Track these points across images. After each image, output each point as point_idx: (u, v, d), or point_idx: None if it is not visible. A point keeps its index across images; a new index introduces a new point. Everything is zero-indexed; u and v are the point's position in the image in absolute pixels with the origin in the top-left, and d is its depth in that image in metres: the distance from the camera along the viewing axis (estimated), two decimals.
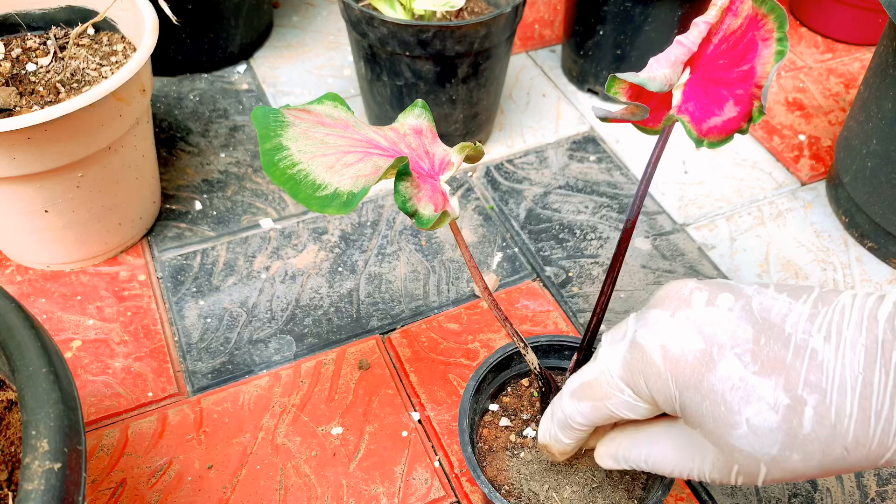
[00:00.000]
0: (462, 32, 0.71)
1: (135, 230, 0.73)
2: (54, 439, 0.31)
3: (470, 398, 0.48)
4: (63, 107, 0.57)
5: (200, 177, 0.82)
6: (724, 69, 0.40)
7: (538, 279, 0.73)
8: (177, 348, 0.66)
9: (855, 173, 0.75)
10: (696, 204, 0.81)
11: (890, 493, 0.58)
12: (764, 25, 0.40)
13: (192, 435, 0.60)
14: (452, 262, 0.74)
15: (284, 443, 0.60)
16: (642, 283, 0.73)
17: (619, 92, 0.41)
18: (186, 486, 0.57)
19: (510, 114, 0.92)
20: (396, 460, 0.59)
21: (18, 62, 0.68)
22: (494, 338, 0.68)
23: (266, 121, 0.39)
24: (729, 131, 0.40)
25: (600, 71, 0.92)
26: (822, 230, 0.79)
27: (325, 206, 0.36)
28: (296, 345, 0.67)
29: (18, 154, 0.58)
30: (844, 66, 1.01)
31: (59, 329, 0.67)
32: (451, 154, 0.42)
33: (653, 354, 0.34)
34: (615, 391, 0.36)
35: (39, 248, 0.69)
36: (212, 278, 0.72)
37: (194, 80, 0.94)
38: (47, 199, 0.64)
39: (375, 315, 0.69)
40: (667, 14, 0.84)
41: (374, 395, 0.63)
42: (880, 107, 0.70)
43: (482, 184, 0.82)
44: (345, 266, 0.73)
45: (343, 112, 0.42)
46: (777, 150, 0.88)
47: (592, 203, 0.81)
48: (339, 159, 0.38)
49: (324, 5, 1.09)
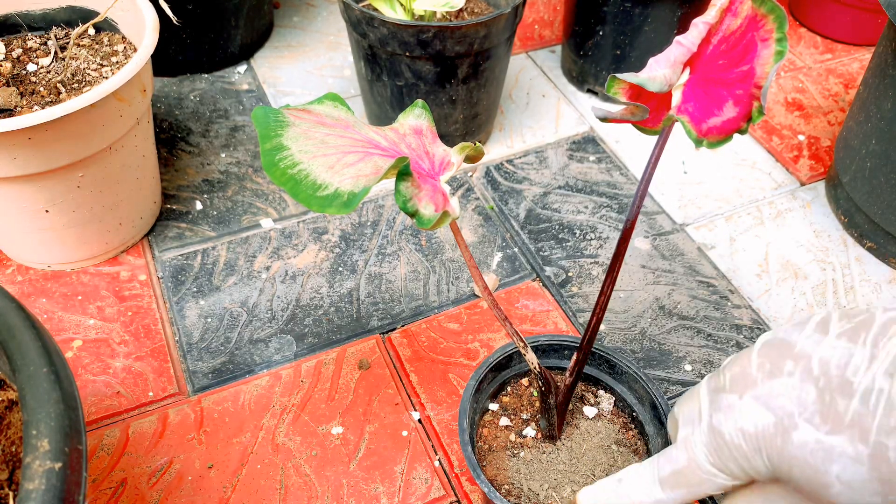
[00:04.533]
0: (462, 33, 0.71)
1: (135, 230, 0.74)
2: (55, 439, 0.31)
3: (470, 397, 0.48)
4: (64, 107, 0.57)
5: (201, 177, 0.82)
6: (724, 69, 0.40)
7: (538, 279, 0.73)
8: (177, 348, 0.66)
9: (854, 173, 0.75)
10: (696, 204, 0.81)
11: None
12: (763, 26, 0.40)
13: (192, 434, 0.60)
14: (452, 262, 0.74)
15: (285, 442, 0.60)
16: (642, 282, 0.73)
17: (619, 92, 0.41)
18: (187, 486, 0.57)
19: (510, 114, 0.92)
20: (396, 460, 0.59)
21: (19, 62, 0.68)
22: (494, 338, 0.68)
23: (266, 121, 0.39)
24: (728, 131, 0.40)
25: (600, 71, 0.92)
26: (822, 230, 0.79)
27: (326, 206, 0.36)
28: (296, 344, 0.67)
29: (19, 154, 0.58)
30: (844, 66, 1.01)
31: (60, 329, 0.67)
32: (451, 154, 0.42)
33: (735, 438, 0.35)
34: (709, 477, 0.37)
35: (40, 248, 0.69)
36: (212, 278, 0.72)
37: (195, 80, 0.94)
38: (48, 199, 0.64)
39: (375, 315, 0.69)
40: (666, 14, 0.84)
41: (375, 394, 0.63)
42: (879, 107, 0.70)
43: (482, 184, 0.83)
44: (345, 266, 0.73)
45: (343, 112, 0.42)
46: (776, 150, 0.88)
47: (592, 203, 0.81)
48: (340, 159, 0.38)
49: (324, 6, 1.09)
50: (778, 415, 0.33)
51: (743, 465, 0.35)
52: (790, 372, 0.34)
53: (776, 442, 0.33)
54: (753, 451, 0.34)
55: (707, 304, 0.71)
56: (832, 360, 0.32)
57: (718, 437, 0.35)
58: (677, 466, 0.38)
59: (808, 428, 0.32)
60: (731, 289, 0.73)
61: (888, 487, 0.31)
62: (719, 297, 0.72)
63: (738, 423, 0.34)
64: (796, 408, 0.33)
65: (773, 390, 0.34)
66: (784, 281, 0.74)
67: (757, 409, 0.34)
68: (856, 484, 0.31)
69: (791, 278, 0.74)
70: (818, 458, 0.32)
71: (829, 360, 0.33)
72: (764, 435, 0.34)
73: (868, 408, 0.31)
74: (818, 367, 0.33)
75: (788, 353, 0.34)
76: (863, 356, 0.32)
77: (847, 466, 0.31)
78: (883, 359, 0.31)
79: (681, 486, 0.38)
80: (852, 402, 0.31)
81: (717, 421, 0.36)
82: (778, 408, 0.33)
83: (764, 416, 0.34)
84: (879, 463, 0.30)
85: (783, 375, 0.34)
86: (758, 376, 0.35)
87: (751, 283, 0.73)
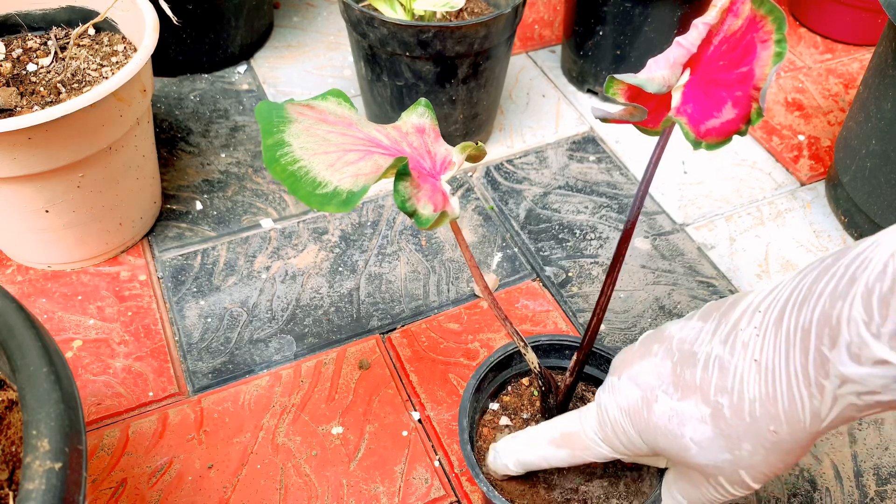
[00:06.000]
0: (462, 33, 0.71)
1: (135, 230, 0.74)
2: (55, 439, 0.31)
3: (470, 397, 0.48)
4: (64, 107, 0.57)
5: (201, 177, 0.82)
6: (724, 71, 0.40)
7: (538, 279, 0.73)
8: (177, 348, 0.66)
9: (854, 173, 0.75)
10: (696, 204, 0.81)
11: (889, 493, 0.58)
12: (763, 27, 0.40)
13: (192, 434, 0.60)
14: (452, 262, 0.74)
15: (285, 442, 0.60)
16: (642, 283, 0.73)
17: (618, 93, 0.41)
18: (187, 486, 0.57)
19: (510, 114, 0.92)
20: (396, 460, 0.59)
21: (19, 62, 0.68)
22: (494, 337, 0.68)
23: (269, 116, 0.39)
24: (727, 133, 0.40)
25: (600, 71, 0.92)
26: (822, 230, 0.79)
27: (325, 204, 0.36)
28: (296, 344, 0.67)
29: (19, 154, 0.58)
30: (844, 66, 1.01)
31: (60, 329, 0.67)
32: (452, 153, 0.42)
33: (614, 414, 0.39)
34: (593, 445, 0.41)
35: (40, 248, 0.69)
36: (212, 278, 0.72)
37: (195, 80, 0.94)
38: (48, 200, 0.64)
39: (375, 315, 0.69)
40: (666, 14, 0.84)
41: (375, 394, 0.63)
42: (879, 107, 0.70)
43: (482, 184, 0.83)
44: (345, 266, 0.73)
45: (346, 109, 0.42)
46: (776, 150, 0.88)
47: (592, 203, 0.81)
48: (341, 157, 0.38)
49: (324, 6, 1.09)
50: (643, 389, 0.38)
51: (622, 440, 0.39)
52: (655, 352, 0.38)
53: (643, 414, 0.37)
54: (630, 425, 0.38)
55: None
56: (688, 337, 0.37)
57: (603, 413, 0.40)
58: (569, 430, 0.42)
59: (665, 398, 0.37)
60: (731, 289, 0.73)
61: (731, 442, 0.34)
62: (719, 297, 0.72)
63: (616, 400, 0.39)
64: (657, 382, 0.37)
65: (641, 369, 0.38)
66: None
67: (629, 387, 0.38)
68: (705, 443, 0.35)
69: None
70: (674, 423, 0.36)
71: (685, 337, 0.37)
72: (634, 409, 0.38)
73: (707, 373, 0.35)
74: (677, 344, 0.37)
75: (658, 338, 0.39)
76: (708, 330, 0.36)
77: (696, 427, 0.35)
78: (721, 329, 0.35)
79: (566, 447, 0.42)
80: (696, 370, 0.35)
81: (603, 400, 0.40)
82: (643, 384, 0.38)
83: (633, 392, 0.38)
84: (718, 420, 0.34)
85: (651, 356, 0.38)
86: (633, 359, 0.39)
87: (751, 284, 0.73)
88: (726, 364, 0.34)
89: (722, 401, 0.34)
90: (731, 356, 0.34)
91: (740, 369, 0.33)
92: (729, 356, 0.34)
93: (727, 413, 0.34)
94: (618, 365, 0.40)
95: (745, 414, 0.33)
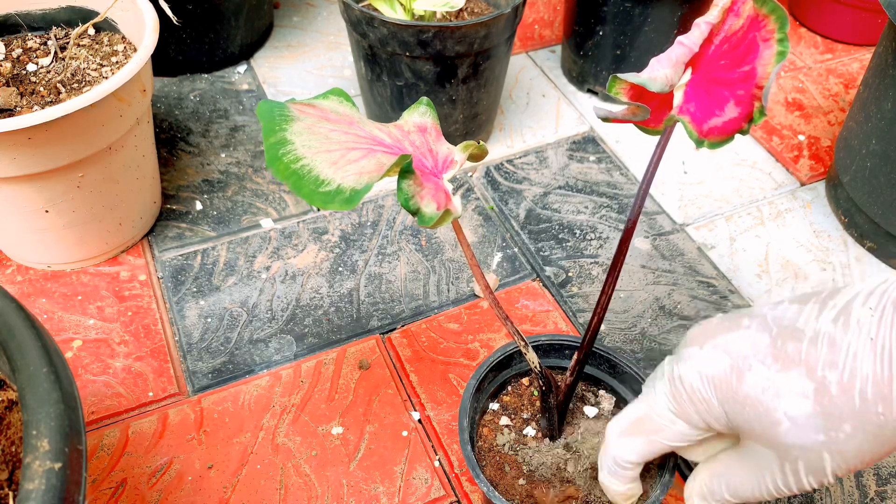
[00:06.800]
0: (462, 33, 0.71)
1: (135, 230, 0.73)
2: (55, 439, 0.31)
3: (470, 397, 0.48)
4: (63, 107, 0.57)
5: (201, 177, 0.82)
6: (726, 70, 0.40)
7: (538, 279, 0.73)
8: (177, 348, 0.66)
9: (854, 173, 0.75)
10: (696, 204, 0.81)
11: (889, 493, 0.58)
12: (765, 26, 0.40)
13: (192, 435, 0.60)
14: (452, 262, 0.74)
15: (285, 442, 0.60)
16: (642, 282, 0.73)
17: (621, 92, 0.41)
18: (187, 486, 0.57)
19: (510, 114, 0.92)
20: (396, 460, 0.59)
21: (19, 62, 0.68)
22: (494, 337, 0.68)
23: (271, 115, 0.39)
24: (730, 132, 0.40)
25: (600, 71, 0.92)
26: (822, 230, 0.79)
27: (328, 202, 0.36)
28: (296, 345, 0.67)
29: (19, 154, 0.58)
30: (844, 66, 1.01)
31: (60, 329, 0.67)
32: (454, 152, 0.42)
33: (694, 383, 0.37)
34: (667, 423, 0.39)
35: (40, 248, 0.69)
36: (212, 278, 0.72)
37: (195, 80, 0.94)
38: (48, 200, 0.63)
39: (375, 315, 0.69)
40: (667, 14, 0.84)
41: (374, 394, 0.63)
42: (879, 107, 0.70)
43: (482, 184, 0.83)
44: (345, 266, 0.73)
45: (348, 108, 0.42)
46: (776, 150, 0.88)
47: (592, 203, 0.81)
48: (343, 155, 0.38)
49: (324, 6, 1.09)
50: (734, 358, 0.36)
51: (700, 411, 0.38)
52: (747, 325, 0.37)
53: (731, 383, 0.36)
54: (711, 394, 0.37)
55: (707, 304, 0.71)
56: (786, 315, 0.36)
57: (678, 384, 0.38)
58: (634, 416, 0.41)
59: (761, 368, 0.35)
60: (732, 289, 0.73)
61: (830, 422, 0.33)
62: (719, 297, 0.72)
63: (697, 367, 0.37)
64: (751, 351, 0.36)
65: (732, 338, 0.37)
66: (784, 281, 0.74)
67: (716, 355, 0.37)
68: (801, 419, 0.34)
69: (791, 278, 0.74)
70: (769, 395, 0.35)
71: (783, 315, 0.36)
72: (721, 377, 0.36)
73: (816, 348, 0.34)
74: (772, 320, 0.36)
75: (745, 314, 0.38)
76: (812, 310, 0.35)
77: (794, 402, 0.34)
78: (830, 310, 0.34)
79: (639, 434, 0.41)
80: (802, 344, 0.34)
81: (677, 371, 0.38)
82: (735, 352, 0.36)
83: (722, 359, 0.37)
84: (822, 397, 0.33)
85: (741, 328, 0.37)
86: (717, 331, 0.38)
87: (751, 284, 0.73)
88: (837, 341, 0.33)
89: (830, 377, 0.33)
90: (843, 333, 0.33)
91: (853, 346, 0.32)
92: (842, 333, 0.33)
93: (833, 390, 0.33)
94: (696, 336, 0.39)
95: (854, 392, 0.32)
